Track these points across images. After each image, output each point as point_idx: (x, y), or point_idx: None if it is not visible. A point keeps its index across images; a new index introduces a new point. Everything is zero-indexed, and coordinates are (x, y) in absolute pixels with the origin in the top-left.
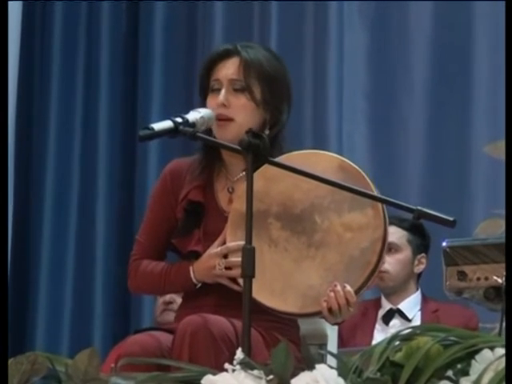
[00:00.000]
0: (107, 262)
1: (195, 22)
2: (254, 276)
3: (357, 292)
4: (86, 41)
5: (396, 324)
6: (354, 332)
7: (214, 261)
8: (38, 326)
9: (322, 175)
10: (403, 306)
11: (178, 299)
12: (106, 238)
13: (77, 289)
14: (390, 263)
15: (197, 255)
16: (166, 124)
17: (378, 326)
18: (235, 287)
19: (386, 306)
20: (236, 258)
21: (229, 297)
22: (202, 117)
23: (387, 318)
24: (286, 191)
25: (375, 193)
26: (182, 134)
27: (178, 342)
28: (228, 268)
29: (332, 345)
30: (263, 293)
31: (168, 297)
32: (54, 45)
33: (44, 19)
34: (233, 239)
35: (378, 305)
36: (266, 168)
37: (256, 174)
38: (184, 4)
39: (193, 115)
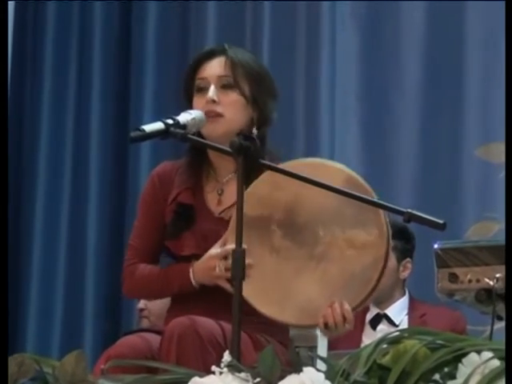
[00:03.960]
0: (98, 262)
1: (188, 23)
2: (243, 278)
3: (355, 309)
4: (79, 42)
5: (383, 329)
6: (341, 336)
7: (213, 262)
8: (28, 327)
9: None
10: (390, 311)
11: (150, 305)
12: (98, 239)
13: (68, 290)
14: None
15: (195, 257)
16: (157, 126)
17: (365, 330)
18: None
19: (373, 310)
20: None
21: (219, 300)
22: (193, 118)
23: (374, 323)
24: (290, 199)
25: (381, 213)
26: (172, 136)
27: (166, 344)
28: (228, 270)
29: (322, 347)
30: (261, 300)
31: (141, 303)
32: (46, 45)
33: (36, 20)
34: (234, 241)
35: (365, 308)
36: (272, 174)
37: (262, 180)
38: (176, 4)
39: (184, 117)
